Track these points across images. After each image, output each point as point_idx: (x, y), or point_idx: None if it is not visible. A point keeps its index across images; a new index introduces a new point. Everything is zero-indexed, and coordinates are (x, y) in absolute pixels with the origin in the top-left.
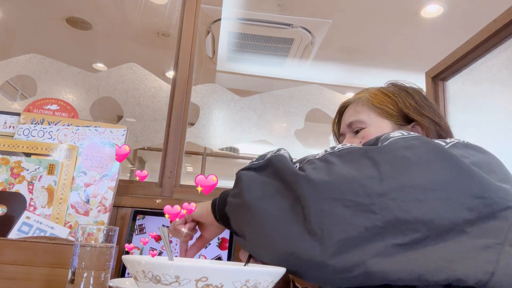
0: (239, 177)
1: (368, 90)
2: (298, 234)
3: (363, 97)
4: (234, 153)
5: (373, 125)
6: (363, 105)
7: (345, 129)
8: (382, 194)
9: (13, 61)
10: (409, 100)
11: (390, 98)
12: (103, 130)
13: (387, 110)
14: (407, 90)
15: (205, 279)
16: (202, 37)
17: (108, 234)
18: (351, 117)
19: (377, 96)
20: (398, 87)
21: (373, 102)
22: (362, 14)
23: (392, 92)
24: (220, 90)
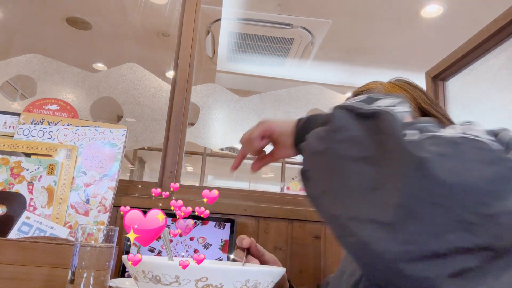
0: (334, 116)
1: (380, 83)
2: (374, 220)
3: (378, 89)
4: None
5: None
6: None
7: None
8: (491, 215)
9: (13, 61)
10: (424, 96)
11: (407, 92)
12: (103, 130)
13: None
14: (418, 87)
15: (205, 279)
16: (202, 37)
17: (108, 234)
18: None
19: (394, 89)
20: (409, 83)
21: (390, 93)
22: (362, 14)
23: (407, 87)
24: (220, 90)
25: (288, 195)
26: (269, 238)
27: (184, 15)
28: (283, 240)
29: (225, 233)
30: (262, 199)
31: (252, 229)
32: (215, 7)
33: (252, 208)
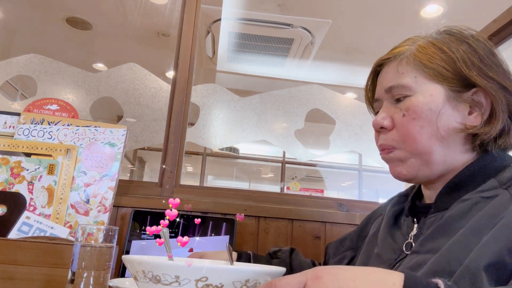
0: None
1: (414, 41)
2: None
3: (408, 52)
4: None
5: (422, 93)
6: (407, 64)
7: (383, 95)
8: None
9: (13, 61)
10: (470, 57)
11: (445, 53)
12: (103, 130)
13: (440, 71)
14: (468, 41)
15: (205, 279)
16: (202, 37)
17: (108, 234)
18: (392, 80)
19: (427, 50)
20: (455, 36)
21: (421, 59)
22: (362, 14)
23: (447, 45)
24: (220, 90)
25: (288, 195)
26: (269, 238)
27: (184, 15)
28: (283, 240)
29: (223, 240)
30: (262, 199)
31: (252, 229)
32: (215, 7)
33: (252, 208)
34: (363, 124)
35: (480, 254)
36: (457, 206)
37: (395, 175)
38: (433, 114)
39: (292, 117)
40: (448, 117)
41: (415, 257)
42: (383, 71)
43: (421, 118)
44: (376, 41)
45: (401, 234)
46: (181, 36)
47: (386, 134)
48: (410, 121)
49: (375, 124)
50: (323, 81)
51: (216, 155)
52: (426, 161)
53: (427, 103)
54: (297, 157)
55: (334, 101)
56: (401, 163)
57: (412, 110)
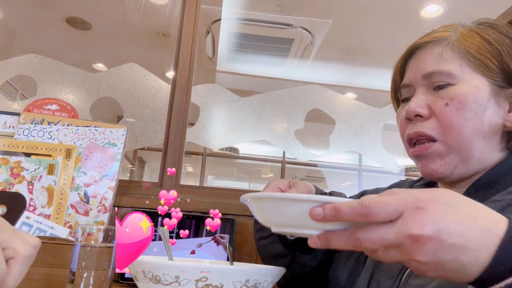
0: None
1: (455, 29)
2: None
3: (452, 38)
4: (234, 153)
5: (467, 83)
6: (453, 50)
7: (418, 80)
8: None
9: (13, 61)
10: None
11: (491, 45)
12: (103, 130)
13: (486, 63)
14: (510, 36)
15: (205, 279)
16: (202, 37)
17: (108, 234)
18: (433, 65)
19: (472, 39)
20: (497, 29)
21: (468, 47)
22: (362, 14)
23: (492, 37)
24: (220, 90)
25: None
26: None
27: (184, 15)
28: None
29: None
30: None
31: (252, 229)
32: (215, 7)
33: None
34: (363, 124)
35: None
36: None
37: (429, 172)
38: (479, 108)
39: (292, 117)
40: (492, 112)
41: None
42: (419, 54)
43: (466, 109)
44: (376, 41)
45: None
46: (181, 36)
47: (424, 122)
48: (454, 111)
49: (410, 111)
50: (323, 81)
51: (216, 155)
52: (465, 157)
53: (473, 94)
54: (297, 157)
55: (334, 101)
56: (439, 159)
57: (457, 99)
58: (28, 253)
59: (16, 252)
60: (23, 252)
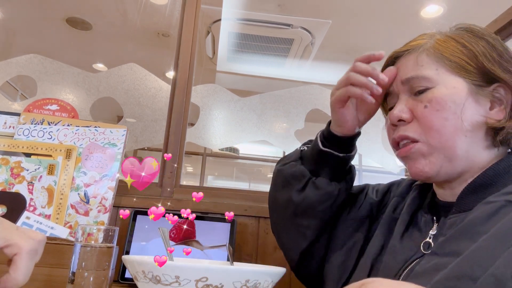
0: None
1: (431, 36)
2: None
3: (427, 45)
4: (234, 153)
5: (444, 85)
6: (428, 56)
7: (398, 87)
8: None
9: (13, 61)
10: (490, 52)
11: (465, 47)
12: (103, 130)
13: (462, 65)
14: (485, 37)
15: (205, 279)
16: (202, 37)
17: (108, 234)
18: (411, 71)
19: (447, 44)
20: (472, 33)
21: (443, 52)
22: (362, 14)
23: (467, 40)
24: (220, 90)
25: None
26: (269, 238)
27: (184, 15)
28: None
29: (223, 240)
30: (262, 199)
31: (252, 229)
32: (215, 7)
33: (252, 208)
34: None
35: (508, 262)
36: (481, 209)
37: (416, 173)
38: (458, 107)
39: (292, 117)
40: (472, 110)
41: (434, 258)
42: (398, 63)
43: (445, 109)
44: (376, 41)
45: (418, 231)
46: (181, 36)
47: (406, 126)
48: (433, 113)
49: (393, 117)
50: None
51: (216, 155)
52: (449, 156)
53: (450, 95)
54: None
55: None
56: (423, 159)
57: (435, 101)
58: (31, 247)
59: (19, 248)
60: (26, 247)
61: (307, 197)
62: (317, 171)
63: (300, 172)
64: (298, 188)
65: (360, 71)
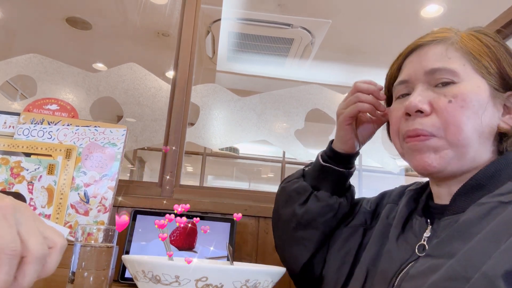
0: None
1: (455, 32)
2: None
3: (455, 38)
4: (234, 153)
5: (469, 82)
6: (456, 50)
7: (419, 77)
8: None
9: (13, 61)
10: (509, 59)
11: (490, 49)
12: (103, 130)
13: (487, 66)
14: (503, 45)
15: (205, 279)
16: (202, 37)
17: (108, 234)
18: (438, 62)
19: (474, 42)
20: (491, 37)
21: (470, 49)
22: (362, 14)
23: (491, 43)
24: (220, 90)
25: None
26: (269, 238)
27: (184, 15)
28: None
29: (223, 240)
30: (262, 199)
31: (252, 229)
32: (215, 7)
33: (252, 208)
34: None
35: (498, 261)
36: (474, 210)
37: (423, 166)
38: (480, 107)
39: (292, 117)
40: (491, 113)
41: (429, 260)
42: (421, 52)
43: (469, 107)
44: (376, 41)
45: (413, 235)
46: (181, 36)
47: (423, 118)
48: (457, 108)
49: (411, 106)
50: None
51: (216, 155)
52: (460, 154)
53: (475, 93)
54: (297, 157)
55: (334, 101)
56: (433, 153)
57: (461, 97)
58: (64, 243)
59: (55, 243)
60: (61, 243)
61: (309, 209)
62: (319, 186)
63: (303, 187)
64: (301, 202)
65: (364, 89)
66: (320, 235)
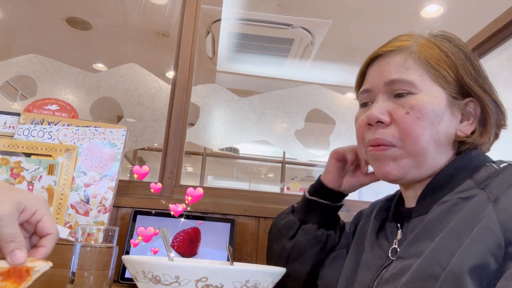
0: None
1: (415, 38)
2: None
3: (413, 48)
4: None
5: (427, 93)
6: (414, 60)
7: (379, 87)
8: None
9: (13, 61)
10: (468, 67)
11: (449, 58)
12: (103, 130)
13: (444, 75)
14: (464, 50)
15: (205, 279)
16: (202, 37)
17: (108, 234)
18: (396, 73)
19: (433, 51)
20: (452, 43)
21: (428, 58)
22: (362, 14)
23: (450, 50)
24: (220, 90)
25: (288, 195)
26: None
27: (184, 15)
28: None
29: (223, 240)
30: (262, 199)
31: (252, 229)
32: (215, 7)
33: (252, 208)
34: None
35: (463, 257)
36: (437, 209)
37: (383, 174)
38: (436, 117)
39: (292, 117)
40: (447, 122)
41: (400, 262)
42: (381, 61)
43: (425, 119)
44: (376, 41)
45: (386, 240)
46: (181, 36)
47: (384, 129)
48: (414, 120)
49: (372, 117)
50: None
51: (216, 155)
52: (418, 163)
53: (432, 104)
54: (297, 157)
55: (334, 101)
56: (392, 162)
57: (418, 109)
58: (57, 233)
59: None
60: (56, 232)
61: (297, 242)
62: (306, 219)
63: (292, 221)
64: (290, 236)
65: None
66: (310, 268)
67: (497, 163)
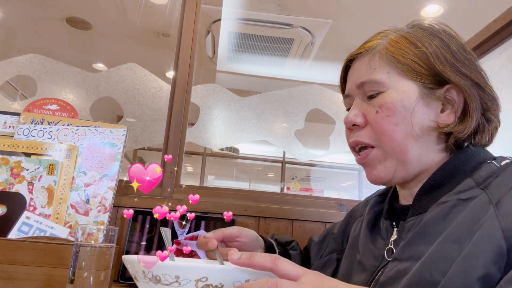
0: None
1: (386, 35)
2: None
3: (380, 46)
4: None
5: (395, 89)
6: (380, 59)
7: (354, 90)
8: None
9: (13, 61)
10: (443, 52)
11: (418, 48)
12: (103, 130)
13: (413, 67)
14: (440, 35)
15: (205, 279)
16: (202, 37)
17: (108, 234)
18: (364, 76)
19: (399, 45)
20: (427, 31)
21: (394, 54)
22: (362, 14)
23: (420, 40)
24: (220, 90)
25: (288, 195)
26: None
27: (184, 15)
28: None
29: None
30: (262, 199)
31: (252, 229)
32: (215, 7)
33: (252, 208)
34: None
35: (467, 267)
36: (435, 210)
37: (373, 179)
38: (407, 112)
39: (292, 117)
40: (422, 114)
41: (397, 264)
42: (354, 66)
43: (395, 115)
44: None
45: (381, 239)
46: (181, 36)
47: (360, 131)
48: (384, 118)
49: (347, 122)
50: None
51: (216, 155)
52: (402, 161)
53: (400, 99)
54: (297, 157)
55: (334, 101)
56: (379, 165)
57: (386, 107)
58: None
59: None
60: None
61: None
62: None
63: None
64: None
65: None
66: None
67: (498, 160)
